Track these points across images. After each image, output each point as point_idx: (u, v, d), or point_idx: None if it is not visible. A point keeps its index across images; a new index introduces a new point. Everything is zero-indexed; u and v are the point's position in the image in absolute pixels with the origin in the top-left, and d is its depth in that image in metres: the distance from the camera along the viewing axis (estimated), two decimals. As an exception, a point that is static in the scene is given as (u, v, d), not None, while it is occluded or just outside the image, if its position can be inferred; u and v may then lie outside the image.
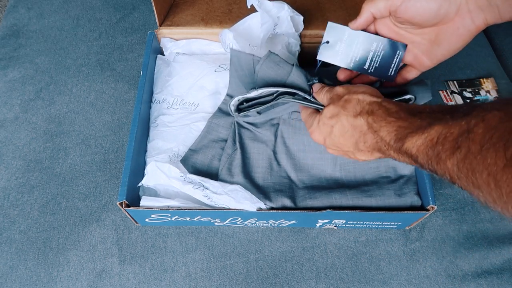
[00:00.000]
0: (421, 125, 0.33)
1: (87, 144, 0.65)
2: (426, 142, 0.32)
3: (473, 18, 0.39)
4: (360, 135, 0.40)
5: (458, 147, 0.28)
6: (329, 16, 0.70)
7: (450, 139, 0.29)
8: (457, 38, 0.41)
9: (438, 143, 0.30)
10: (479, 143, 0.27)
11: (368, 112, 0.39)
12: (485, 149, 0.26)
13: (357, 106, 0.41)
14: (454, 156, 0.29)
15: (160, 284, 0.54)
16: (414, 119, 0.35)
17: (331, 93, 0.45)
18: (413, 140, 0.33)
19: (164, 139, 0.60)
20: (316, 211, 0.51)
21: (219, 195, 0.52)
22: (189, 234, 0.58)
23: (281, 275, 0.55)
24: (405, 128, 0.35)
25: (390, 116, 0.37)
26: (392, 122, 0.37)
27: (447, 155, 0.29)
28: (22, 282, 0.54)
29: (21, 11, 0.83)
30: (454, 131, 0.29)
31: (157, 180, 0.53)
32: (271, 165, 0.57)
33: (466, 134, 0.28)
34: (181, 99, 0.63)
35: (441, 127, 0.31)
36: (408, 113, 0.36)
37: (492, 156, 0.26)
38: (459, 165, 0.28)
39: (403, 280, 0.55)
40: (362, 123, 0.40)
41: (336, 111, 0.43)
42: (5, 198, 0.60)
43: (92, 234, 0.58)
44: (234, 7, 0.71)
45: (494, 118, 0.27)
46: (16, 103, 0.70)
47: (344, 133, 0.42)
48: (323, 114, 0.44)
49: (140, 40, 0.78)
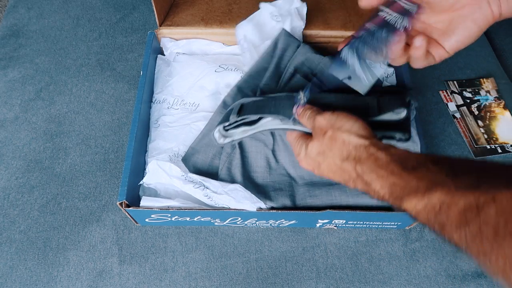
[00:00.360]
0: (419, 186, 0.32)
1: (87, 144, 0.65)
2: (427, 208, 0.30)
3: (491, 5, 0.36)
4: (349, 178, 0.39)
5: (467, 223, 0.27)
6: (329, 16, 0.70)
7: (455, 211, 0.28)
8: (472, 24, 0.38)
9: (441, 212, 0.29)
10: (492, 228, 0.25)
11: (356, 159, 0.38)
12: (501, 236, 0.25)
13: (343, 149, 0.39)
14: (461, 230, 0.27)
15: (160, 284, 0.54)
16: (410, 178, 0.33)
17: (314, 122, 0.43)
18: (411, 203, 0.32)
19: (165, 139, 0.60)
20: (316, 211, 0.51)
21: (219, 194, 0.52)
22: (189, 234, 0.58)
23: (281, 275, 0.55)
24: (401, 188, 0.33)
25: (381, 168, 0.35)
26: (384, 177, 0.35)
27: (452, 228, 0.28)
28: (22, 282, 0.54)
29: (21, 11, 0.83)
30: (460, 203, 0.28)
31: (158, 179, 0.54)
32: (269, 164, 0.57)
33: (476, 211, 0.27)
34: (181, 99, 0.63)
35: (444, 195, 0.29)
36: (401, 167, 0.34)
37: (509, 245, 0.24)
38: (467, 241, 0.27)
39: (403, 280, 0.55)
40: (351, 170, 0.38)
41: (322, 149, 0.41)
42: (5, 198, 0.60)
43: (92, 234, 0.58)
44: (234, 7, 0.71)
45: (507, 201, 0.25)
46: (16, 103, 0.70)
47: (333, 172, 0.41)
48: (309, 149, 0.43)
49: (140, 40, 0.78)
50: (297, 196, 0.54)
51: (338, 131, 0.40)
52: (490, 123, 0.68)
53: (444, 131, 0.68)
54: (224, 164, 0.56)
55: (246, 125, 0.52)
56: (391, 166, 0.35)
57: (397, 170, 0.34)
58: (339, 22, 0.69)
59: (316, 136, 0.42)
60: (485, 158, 0.65)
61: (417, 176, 0.32)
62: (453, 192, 0.29)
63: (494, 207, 0.26)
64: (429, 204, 0.30)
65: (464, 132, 0.68)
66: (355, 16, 0.70)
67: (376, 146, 0.38)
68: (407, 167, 0.34)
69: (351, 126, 0.40)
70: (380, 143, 0.38)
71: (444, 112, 0.70)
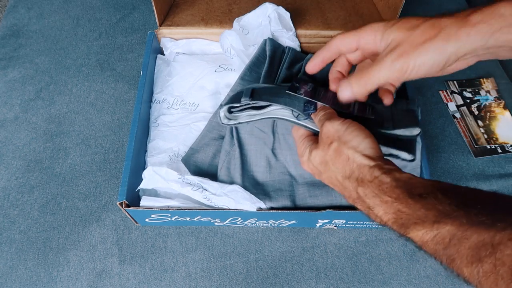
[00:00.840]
0: (427, 216, 0.30)
1: (87, 144, 0.65)
2: (435, 240, 0.29)
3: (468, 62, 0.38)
4: (349, 196, 0.38)
5: (480, 261, 0.26)
6: (329, 16, 0.70)
7: (466, 246, 0.27)
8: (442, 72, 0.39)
9: (451, 246, 0.28)
10: (509, 268, 0.25)
11: (358, 180, 0.36)
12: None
13: (346, 166, 0.38)
14: (473, 266, 0.27)
15: (160, 284, 0.54)
16: (417, 206, 0.31)
17: (322, 127, 0.41)
18: (418, 233, 0.31)
19: (165, 139, 0.60)
20: (316, 211, 0.51)
21: (218, 196, 0.52)
22: (189, 234, 0.58)
23: (281, 275, 0.55)
24: (407, 216, 0.32)
25: (385, 194, 0.34)
26: (388, 203, 0.33)
27: (463, 263, 0.27)
28: (22, 282, 0.54)
29: (21, 11, 0.83)
30: (472, 238, 0.27)
31: (155, 184, 0.53)
32: (269, 162, 0.56)
33: (491, 249, 0.26)
34: (181, 99, 0.63)
35: (455, 228, 0.28)
36: (407, 194, 0.33)
37: None
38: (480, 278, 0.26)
39: (403, 280, 0.55)
40: (352, 189, 0.37)
41: (325, 160, 0.40)
42: (5, 198, 0.60)
43: (92, 234, 0.58)
44: (234, 7, 0.71)
45: None
46: (16, 103, 0.70)
47: (333, 185, 0.40)
48: (312, 155, 0.41)
49: (140, 40, 0.78)
50: (297, 196, 0.54)
51: (344, 146, 0.38)
52: (490, 123, 0.68)
53: (444, 131, 0.68)
54: (223, 164, 0.56)
55: (253, 109, 0.50)
56: (396, 192, 0.33)
57: (403, 196, 0.33)
58: (339, 22, 0.69)
59: (322, 144, 0.41)
60: (485, 158, 0.65)
61: (425, 205, 0.31)
62: (465, 226, 0.28)
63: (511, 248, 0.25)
64: (438, 236, 0.29)
65: (464, 132, 0.68)
66: (355, 16, 0.70)
67: (381, 169, 0.36)
68: (413, 194, 0.32)
69: (358, 144, 0.38)
70: (385, 165, 0.36)
71: (444, 112, 0.70)
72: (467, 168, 0.64)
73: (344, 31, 0.41)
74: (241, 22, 0.64)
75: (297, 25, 0.67)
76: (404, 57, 0.35)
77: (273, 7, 0.63)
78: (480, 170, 0.64)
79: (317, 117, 0.44)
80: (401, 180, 0.34)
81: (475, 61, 0.37)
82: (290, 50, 0.62)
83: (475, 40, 0.33)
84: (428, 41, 0.35)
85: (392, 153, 0.45)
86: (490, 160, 0.65)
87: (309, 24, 0.68)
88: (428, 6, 0.85)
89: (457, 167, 0.64)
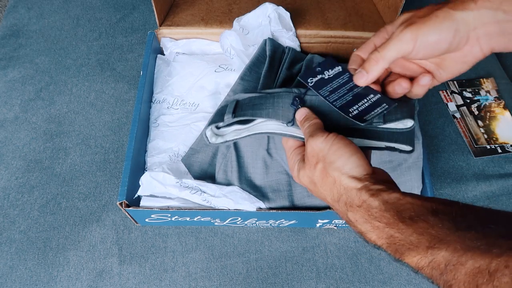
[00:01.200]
0: (420, 242, 0.29)
1: (87, 144, 0.65)
2: (431, 266, 0.29)
3: (482, 46, 0.36)
4: (342, 216, 0.37)
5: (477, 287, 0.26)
6: (329, 16, 0.69)
7: (463, 272, 0.26)
8: (463, 64, 0.39)
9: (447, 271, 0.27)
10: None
11: (347, 204, 0.35)
12: None
13: (334, 189, 0.36)
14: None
15: (160, 284, 0.54)
16: (408, 231, 0.30)
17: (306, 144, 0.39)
18: (413, 259, 0.30)
19: (165, 139, 0.60)
20: (316, 211, 0.51)
21: (217, 198, 0.52)
22: (189, 234, 0.58)
23: (281, 275, 0.55)
24: (400, 241, 0.31)
25: (375, 219, 0.33)
26: (380, 228, 0.32)
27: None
28: (22, 282, 0.54)
29: (21, 11, 0.83)
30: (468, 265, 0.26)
31: (152, 190, 0.53)
32: (265, 163, 0.55)
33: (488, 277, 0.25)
34: (181, 99, 0.63)
35: (449, 254, 0.27)
36: (397, 218, 0.31)
37: None
38: None
39: (403, 280, 0.55)
40: (342, 213, 0.36)
41: (313, 180, 0.38)
42: (5, 198, 0.60)
43: (92, 234, 0.58)
44: (234, 7, 0.71)
45: None
46: (16, 103, 0.70)
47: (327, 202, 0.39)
48: (300, 175, 0.40)
49: (140, 40, 0.78)
50: (295, 196, 0.54)
51: (329, 167, 0.36)
52: (490, 123, 0.68)
53: (444, 131, 0.68)
54: (220, 167, 0.55)
55: (239, 124, 0.49)
56: (386, 216, 0.32)
57: (393, 221, 0.32)
58: (339, 22, 0.69)
59: (308, 163, 0.39)
60: (485, 158, 0.65)
61: (417, 230, 0.30)
62: (459, 251, 0.27)
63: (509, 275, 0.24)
64: (433, 262, 0.29)
65: (464, 132, 0.68)
66: (355, 16, 0.70)
67: (368, 190, 0.34)
68: (404, 217, 0.31)
69: (344, 164, 0.36)
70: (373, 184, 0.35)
71: (444, 112, 0.70)
72: (467, 168, 0.64)
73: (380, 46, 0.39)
74: (241, 22, 0.64)
75: (297, 25, 0.67)
76: (412, 25, 0.35)
77: (273, 7, 0.63)
78: (480, 170, 0.64)
79: (303, 127, 0.42)
80: (390, 203, 0.33)
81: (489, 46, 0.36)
82: (290, 50, 0.62)
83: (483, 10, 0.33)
84: (435, 10, 0.35)
85: (388, 146, 0.44)
86: (490, 160, 0.65)
87: (309, 24, 0.68)
88: (428, 6, 0.85)
89: (457, 167, 0.64)
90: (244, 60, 0.62)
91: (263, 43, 0.62)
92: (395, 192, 0.33)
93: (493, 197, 0.61)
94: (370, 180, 0.35)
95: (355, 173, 0.36)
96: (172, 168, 0.55)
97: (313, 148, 0.38)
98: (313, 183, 0.39)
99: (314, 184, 0.39)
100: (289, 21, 0.65)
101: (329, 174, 0.36)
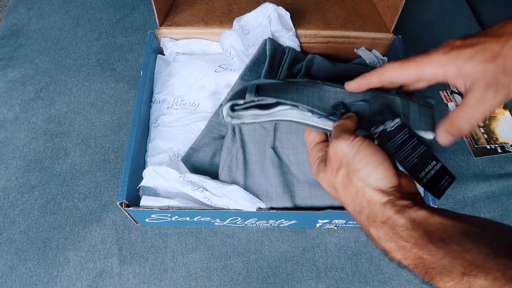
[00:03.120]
0: (454, 267, 0.27)
1: (87, 144, 0.66)
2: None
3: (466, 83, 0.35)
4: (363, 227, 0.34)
5: None
6: (329, 16, 0.69)
7: None
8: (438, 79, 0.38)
9: None
10: None
11: (370, 218, 0.33)
12: None
13: (356, 200, 0.34)
14: None
15: (160, 284, 0.54)
16: (440, 254, 0.28)
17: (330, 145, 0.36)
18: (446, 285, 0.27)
19: (165, 139, 0.60)
20: (316, 211, 0.51)
21: (218, 197, 0.52)
22: (189, 234, 0.58)
23: (281, 275, 0.55)
24: (430, 264, 0.28)
25: (401, 238, 0.30)
26: (406, 248, 0.30)
27: None
28: (22, 282, 0.54)
29: (21, 11, 0.83)
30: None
31: (155, 182, 0.54)
32: (272, 162, 0.55)
33: None
34: (181, 99, 0.63)
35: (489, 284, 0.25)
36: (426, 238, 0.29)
37: None
38: None
39: (403, 280, 0.55)
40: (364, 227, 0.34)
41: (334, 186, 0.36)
42: (5, 198, 0.60)
43: (92, 234, 0.58)
44: (234, 7, 0.71)
45: None
46: (16, 103, 0.70)
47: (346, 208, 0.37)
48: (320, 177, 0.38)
49: (140, 40, 0.78)
50: (297, 196, 0.54)
51: (353, 175, 0.34)
52: (490, 123, 0.69)
53: (444, 131, 0.68)
54: (225, 163, 0.55)
55: (258, 109, 0.45)
56: (413, 236, 0.30)
57: (422, 242, 0.29)
58: (339, 22, 0.69)
59: (330, 166, 0.36)
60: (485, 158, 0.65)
61: (450, 254, 0.28)
62: (500, 281, 0.25)
63: None
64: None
65: (464, 132, 0.68)
66: (355, 16, 0.70)
67: (394, 206, 0.32)
68: (433, 238, 0.29)
69: (369, 174, 0.33)
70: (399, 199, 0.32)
71: (444, 112, 0.70)
72: (467, 168, 0.64)
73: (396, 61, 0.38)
74: (241, 22, 0.64)
75: (297, 25, 0.67)
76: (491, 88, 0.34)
77: (273, 7, 0.63)
78: (480, 170, 0.64)
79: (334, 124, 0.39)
80: (417, 221, 0.30)
81: None
82: (290, 50, 0.62)
83: None
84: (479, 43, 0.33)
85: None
86: (490, 160, 0.65)
87: (309, 24, 0.68)
88: (428, 6, 0.85)
89: (457, 167, 0.64)
90: (244, 60, 0.62)
91: (263, 43, 0.62)
92: (422, 209, 0.31)
93: (493, 197, 0.61)
94: (396, 195, 0.33)
95: (380, 185, 0.33)
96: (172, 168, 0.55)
97: (336, 152, 0.35)
98: (334, 188, 0.36)
99: (335, 190, 0.36)
100: (289, 21, 0.65)
101: (353, 183, 0.34)
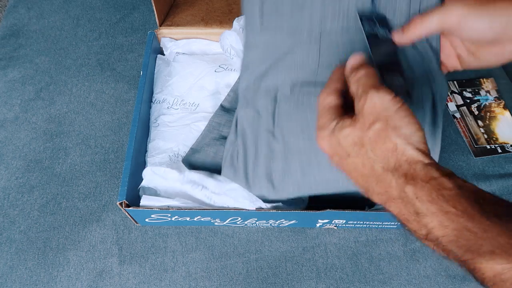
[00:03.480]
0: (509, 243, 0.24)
1: (87, 144, 0.66)
2: None
3: None
4: (384, 193, 0.30)
5: None
6: (329, 16, 0.69)
7: None
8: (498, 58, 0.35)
9: None
10: None
11: (407, 176, 0.29)
12: None
13: (391, 157, 0.30)
14: None
15: (160, 284, 0.54)
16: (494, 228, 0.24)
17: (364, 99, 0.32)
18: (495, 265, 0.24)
19: (165, 139, 0.60)
20: (316, 211, 0.51)
21: (218, 195, 0.52)
22: (189, 234, 0.58)
23: (281, 275, 0.55)
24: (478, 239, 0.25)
25: (447, 202, 0.26)
26: (450, 214, 0.26)
27: None
28: (22, 282, 0.54)
29: (21, 11, 0.83)
30: None
31: (156, 182, 0.54)
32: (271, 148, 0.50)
33: None
34: (181, 99, 0.63)
35: None
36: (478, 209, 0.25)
37: None
38: None
39: (403, 280, 0.55)
40: (393, 186, 0.29)
41: (361, 141, 0.31)
42: (5, 198, 0.60)
43: (92, 234, 0.58)
44: (234, 7, 0.71)
45: None
46: (16, 103, 0.70)
47: (362, 176, 0.32)
48: (343, 133, 0.32)
49: (140, 40, 0.78)
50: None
51: (392, 131, 0.30)
52: (490, 123, 0.69)
53: (444, 131, 0.68)
54: (228, 153, 0.54)
55: None
56: (462, 203, 0.26)
57: (473, 211, 0.25)
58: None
59: (361, 120, 0.31)
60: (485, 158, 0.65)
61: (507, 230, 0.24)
62: None
63: None
64: None
65: (464, 132, 0.68)
66: (355, 16, 0.70)
67: (439, 169, 0.28)
68: (486, 211, 0.25)
69: (411, 134, 0.30)
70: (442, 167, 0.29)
71: (444, 112, 0.70)
72: (467, 168, 0.64)
73: None
74: (241, 22, 0.64)
75: (297, 25, 0.66)
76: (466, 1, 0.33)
77: None
78: (480, 170, 0.64)
79: (356, 76, 0.34)
80: (467, 189, 0.27)
81: None
82: None
83: None
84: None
85: None
86: (490, 160, 0.65)
87: (309, 24, 0.68)
88: (428, 6, 0.85)
89: (457, 167, 0.64)
90: None
91: None
92: (469, 183, 0.28)
93: (493, 197, 0.61)
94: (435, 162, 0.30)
95: (422, 147, 0.30)
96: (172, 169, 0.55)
97: (375, 104, 0.31)
98: (360, 144, 0.31)
99: (360, 146, 0.31)
100: None
101: (390, 139, 0.30)
